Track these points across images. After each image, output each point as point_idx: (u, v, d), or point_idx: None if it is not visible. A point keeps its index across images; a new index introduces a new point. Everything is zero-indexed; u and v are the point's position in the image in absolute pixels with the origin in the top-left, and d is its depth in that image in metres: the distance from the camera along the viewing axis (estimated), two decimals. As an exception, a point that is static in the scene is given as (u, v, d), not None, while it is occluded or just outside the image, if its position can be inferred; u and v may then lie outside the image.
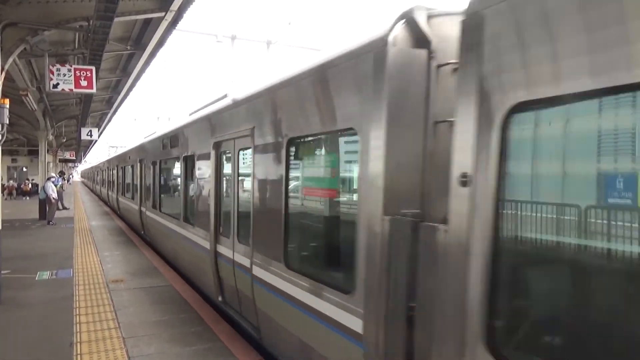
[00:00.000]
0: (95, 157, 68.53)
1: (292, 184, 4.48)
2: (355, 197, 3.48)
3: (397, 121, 2.96)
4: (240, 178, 5.90)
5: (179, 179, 9.15)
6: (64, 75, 11.16)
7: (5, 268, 8.35)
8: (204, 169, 7.15)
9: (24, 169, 41.07)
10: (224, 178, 6.49)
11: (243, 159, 5.81)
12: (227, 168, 6.30)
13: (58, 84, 11.15)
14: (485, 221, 2.22)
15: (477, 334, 2.25)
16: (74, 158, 48.45)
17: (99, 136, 33.39)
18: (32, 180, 35.47)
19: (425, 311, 2.60)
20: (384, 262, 2.91)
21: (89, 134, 23.55)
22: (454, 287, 2.39)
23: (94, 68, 11.45)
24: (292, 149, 4.33)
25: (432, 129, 2.95)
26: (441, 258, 2.47)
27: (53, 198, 18.48)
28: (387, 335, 2.90)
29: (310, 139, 4.20)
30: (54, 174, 23.94)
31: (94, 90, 11.80)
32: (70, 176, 73.60)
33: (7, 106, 7.70)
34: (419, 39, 2.98)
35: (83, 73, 11.34)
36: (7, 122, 7.72)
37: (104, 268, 9.75)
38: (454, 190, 2.39)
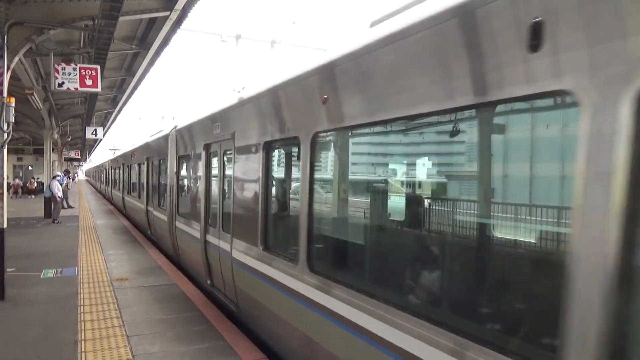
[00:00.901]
0: (99, 156, 68.74)
1: (165, 179, 11.11)
2: (168, 181, 10.69)
3: (171, 156, 10.41)
4: (151, 176, 13.41)
5: (138, 177, 16.53)
6: (69, 74, 11.20)
7: (10, 266, 8.39)
8: (144, 172, 14.53)
9: (30, 168, 41.21)
10: (150, 176, 13.68)
11: (153, 168, 13.15)
12: (150, 172, 13.57)
13: (63, 82, 11.19)
14: (177, 180, 10.14)
15: (174, 209, 10.00)
16: (79, 157, 48.48)
17: (103, 135, 33.37)
18: (38, 178, 35.59)
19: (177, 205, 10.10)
20: (174, 198, 10.10)
21: (94, 132, 23.59)
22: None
23: (99, 67, 11.50)
24: (161, 165, 11.62)
25: (177, 159, 9.98)
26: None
27: (58, 197, 18.57)
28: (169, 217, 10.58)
29: (157, 162, 12.27)
30: (59, 173, 24.03)
31: (99, 89, 11.85)
32: (75, 175, 73.87)
33: (13, 105, 7.75)
34: (177, 129, 10.18)
35: (88, 72, 11.38)
36: (13, 120, 7.78)
37: (109, 266, 9.80)
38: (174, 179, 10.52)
